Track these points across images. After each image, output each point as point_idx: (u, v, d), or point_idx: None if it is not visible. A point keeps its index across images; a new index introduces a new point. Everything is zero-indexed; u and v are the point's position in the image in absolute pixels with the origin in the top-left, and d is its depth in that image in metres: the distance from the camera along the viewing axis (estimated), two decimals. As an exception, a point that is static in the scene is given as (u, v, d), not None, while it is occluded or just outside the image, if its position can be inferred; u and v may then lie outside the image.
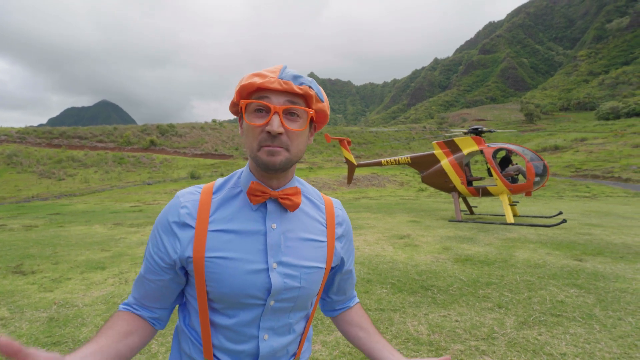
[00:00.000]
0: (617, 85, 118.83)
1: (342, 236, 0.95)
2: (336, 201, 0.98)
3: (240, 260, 0.79)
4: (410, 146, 53.82)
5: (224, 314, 0.82)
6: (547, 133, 56.34)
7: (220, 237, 0.79)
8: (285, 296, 0.82)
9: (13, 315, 3.55)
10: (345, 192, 22.03)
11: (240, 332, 0.82)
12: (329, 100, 40.00)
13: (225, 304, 0.81)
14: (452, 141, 10.51)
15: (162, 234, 0.82)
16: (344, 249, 0.96)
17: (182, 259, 0.80)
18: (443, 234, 7.73)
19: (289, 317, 0.86)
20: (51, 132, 36.00)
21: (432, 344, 2.89)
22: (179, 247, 0.80)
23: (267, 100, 0.75)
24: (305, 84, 0.77)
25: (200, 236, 0.79)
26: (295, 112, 0.77)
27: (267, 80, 0.74)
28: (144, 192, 21.25)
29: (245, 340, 0.83)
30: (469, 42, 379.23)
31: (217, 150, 38.99)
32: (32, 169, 26.56)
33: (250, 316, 0.82)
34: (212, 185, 0.86)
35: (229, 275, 0.78)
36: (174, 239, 0.80)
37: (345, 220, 0.97)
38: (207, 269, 0.78)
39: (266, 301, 0.81)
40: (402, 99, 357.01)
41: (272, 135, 0.74)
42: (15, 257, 6.05)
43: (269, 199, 0.82)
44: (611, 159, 29.73)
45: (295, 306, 0.86)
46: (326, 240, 0.90)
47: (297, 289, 0.83)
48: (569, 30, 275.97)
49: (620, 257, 5.47)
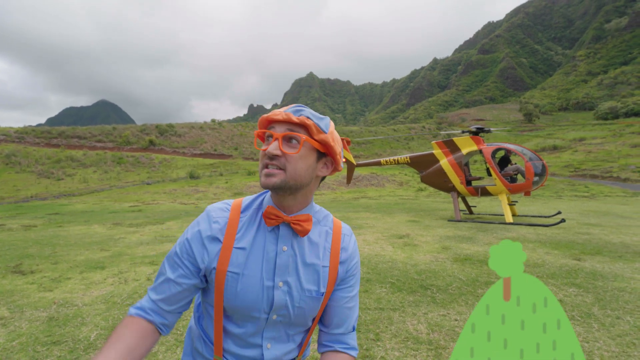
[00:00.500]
0: (615, 85, 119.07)
1: (345, 261, 0.99)
2: (345, 226, 1.04)
3: (255, 277, 0.89)
4: (409, 146, 53.87)
5: (235, 323, 0.92)
6: (545, 133, 56.43)
7: (242, 254, 0.90)
8: (284, 312, 0.92)
9: (13, 315, 3.55)
10: (344, 191, 22.04)
11: (247, 340, 0.93)
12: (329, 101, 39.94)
13: (237, 315, 0.91)
14: (451, 141, 10.52)
15: (193, 243, 0.91)
16: (344, 272, 0.99)
17: (207, 270, 0.90)
18: (442, 234, 7.75)
19: (288, 329, 0.95)
20: (50, 132, 35.93)
21: (431, 342, 2.89)
22: (207, 258, 0.90)
23: (273, 130, 0.88)
24: (304, 115, 0.88)
25: (226, 251, 0.89)
26: (293, 137, 0.87)
27: (274, 113, 0.88)
28: (143, 192, 21.23)
29: (252, 348, 0.93)
30: (468, 42, 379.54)
31: (216, 150, 38.97)
32: (30, 169, 26.52)
33: (255, 327, 0.92)
34: (240, 204, 0.96)
35: (242, 290, 0.88)
36: (203, 250, 0.90)
37: (351, 245, 1.01)
38: (226, 282, 0.88)
39: (269, 315, 0.91)
40: (401, 99, 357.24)
41: (270, 157, 0.86)
42: (14, 256, 6.05)
43: (282, 222, 0.91)
44: (610, 158, 29.81)
45: (295, 322, 0.95)
46: (329, 265, 0.96)
47: (297, 308, 0.92)
48: (568, 30, 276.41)
49: (618, 257, 5.49)
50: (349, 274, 1.01)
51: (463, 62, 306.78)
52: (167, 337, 3.03)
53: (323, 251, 0.97)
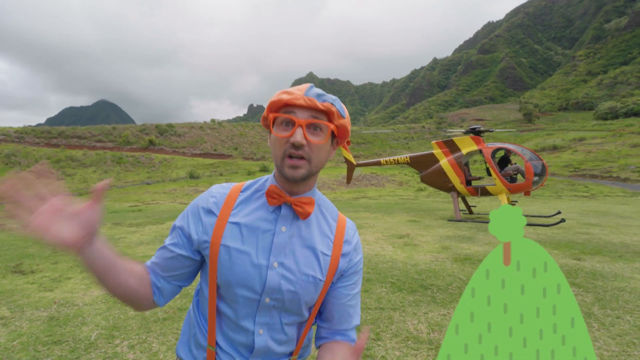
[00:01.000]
0: (615, 85, 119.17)
1: (347, 254, 0.96)
2: (350, 222, 1.01)
3: (247, 253, 0.87)
4: (409, 146, 53.87)
5: (227, 304, 0.90)
6: (545, 133, 56.46)
7: (235, 229, 0.88)
8: (278, 296, 0.87)
9: (13, 315, 3.55)
10: (344, 191, 22.05)
11: (239, 324, 0.89)
12: (328, 100, 40.20)
13: (228, 292, 0.88)
14: (451, 141, 10.53)
15: (190, 215, 0.92)
16: (346, 265, 0.95)
17: (200, 242, 0.89)
18: (442, 234, 7.75)
19: (282, 317, 0.91)
20: (50, 131, 35.92)
21: (431, 342, 2.90)
22: (201, 229, 0.89)
23: (293, 115, 0.83)
24: (328, 101, 0.85)
25: (220, 225, 0.88)
26: (318, 126, 0.84)
27: (294, 97, 0.82)
28: (143, 191, 21.23)
29: (243, 332, 0.90)
30: (468, 42, 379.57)
31: (216, 150, 38.97)
32: (30, 169, 26.53)
33: (246, 310, 0.89)
34: (242, 185, 0.96)
35: (234, 265, 0.86)
36: (198, 222, 0.90)
37: (354, 239, 0.99)
38: (220, 256, 0.87)
39: (261, 297, 0.87)
40: (401, 98, 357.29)
41: (295, 145, 0.82)
42: (14, 256, 6.05)
43: (284, 203, 0.90)
44: (609, 158, 29.83)
45: (289, 308, 0.90)
46: (331, 254, 0.93)
47: (292, 292, 0.88)
48: (568, 30, 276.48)
49: (618, 256, 5.49)
50: (352, 270, 0.97)
51: (463, 62, 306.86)
52: (168, 337, 3.04)
53: (325, 239, 0.94)
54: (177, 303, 3.83)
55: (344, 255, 0.95)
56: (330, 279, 0.93)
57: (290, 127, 0.83)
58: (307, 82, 0.93)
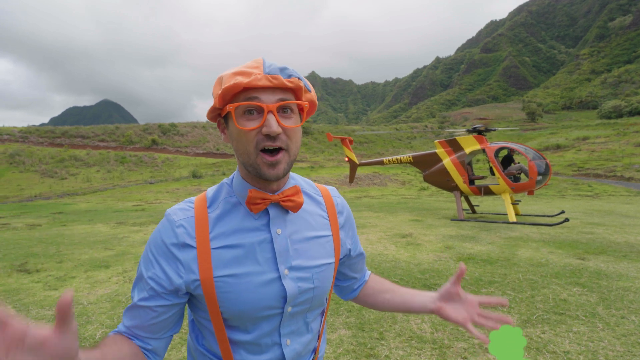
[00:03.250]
0: (619, 83, 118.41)
1: (344, 225, 0.92)
2: (332, 189, 0.94)
3: (251, 274, 0.75)
4: (412, 145, 53.75)
5: (243, 330, 0.78)
6: (549, 132, 56.21)
7: (225, 254, 0.75)
8: (301, 299, 0.80)
9: (19, 313, 3.58)
10: (347, 191, 22.04)
11: (262, 343, 0.79)
12: (331, 100, 39.83)
13: (243, 320, 0.77)
14: (454, 140, 10.50)
15: (160, 258, 0.74)
16: (348, 236, 0.94)
17: (187, 283, 0.74)
18: (445, 233, 7.74)
19: (306, 317, 0.85)
20: (53, 131, 36.11)
21: (435, 342, 2.90)
22: (183, 270, 0.73)
23: (257, 100, 0.69)
24: (293, 75, 0.73)
25: (203, 256, 0.73)
26: (288, 107, 0.72)
27: (254, 77, 0.68)
28: (146, 191, 21.30)
29: (269, 349, 0.80)
30: (471, 41, 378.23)
31: (218, 149, 39.04)
32: (34, 168, 26.65)
33: (270, 327, 0.79)
34: (203, 198, 0.80)
35: (242, 292, 0.74)
36: (175, 263, 0.73)
37: (345, 207, 0.94)
38: (217, 290, 0.73)
39: (283, 309, 0.78)
40: (403, 98, 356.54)
41: (270, 136, 0.70)
42: (19, 255, 6.09)
43: (270, 204, 0.78)
44: (613, 157, 29.65)
45: (312, 306, 0.84)
46: (331, 233, 0.87)
47: (312, 289, 0.81)
48: (572, 29, 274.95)
49: (623, 256, 5.46)
50: (350, 234, 0.95)
51: (466, 61, 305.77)
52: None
53: (320, 220, 0.86)
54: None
55: (342, 227, 0.91)
56: (338, 256, 0.88)
57: (256, 114, 0.70)
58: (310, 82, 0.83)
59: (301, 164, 33.17)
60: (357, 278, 1.03)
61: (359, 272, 1.03)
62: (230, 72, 0.71)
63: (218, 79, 0.74)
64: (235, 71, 0.70)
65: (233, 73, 0.70)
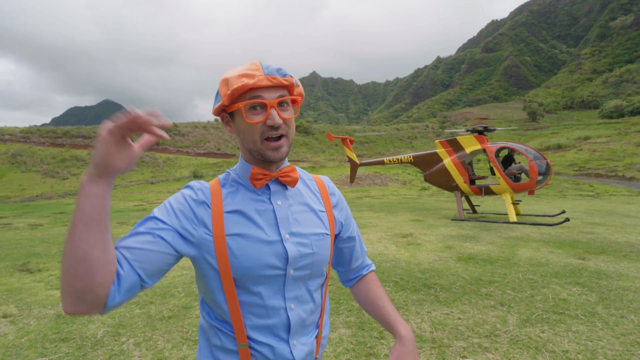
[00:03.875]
0: (621, 83, 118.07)
1: (337, 205, 1.03)
2: (324, 177, 1.07)
3: (257, 235, 0.86)
4: (412, 145, 53.72)
5: (250, 290, 0.85)
6: (550, 132, 56.11)
7: (235, 217, 0.86)
8: (301, 263, 0.89)
9: (21, 312, 3.60)
10: (347, 191, 22.05)
11: (269, 305, 0.86)
12: (331, 100, 40.08)
13: (249, 279, 0.84)
14: (454, 140, 10.50)
15: (178, 209, 0.83)
16: (341, 215, 1.04)
17: (198, 237, 0.82)
18: (446, 233, 7.75)
19: (308, 284, 0.93)
20: (55, 131, 36.21)
21: (435, 341, 2.91)
22: (197, 222, 0.83)
23: (261, 98, 0.83)
24: (287, 75, 0.87)
25: (217, 216, 0.85)
26: (285, 101, 0.87)
27: (257, 79, 0.82)
28: (147, 191, 21.34)
29: (275, 312, 0.87)
30: (472, 41, 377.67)
31: (219, 149, 39.09)
32: (36, 169, 26.74)
33: (274, 288, 0.87)
34: (217, 180, 0.93)
35: (249, 249, 0.84)
36: (190, 214, 0.83)
37: (336, 190, 1.07)
38: (229, 248, 0.83)
39: (286, 270, 0.87)
40: (404, 97, 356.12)
41: (274, 127, 0.84)
42: (21, 255, 6.12)
43: (270, 180, 0.90)
44: (615, 157, 29.59)
45: (312, 273, 0.92)
46: (325, 210, 0.99)
47: (311, 255, 0.90)
48: (573, 28, 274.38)
49: (623, 256, 5.47)
50: (347, 220, 1.06)
51: (467, 60, 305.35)
52: (173, 334, 3.07)
53: (315, 198, 0.99)
54: (182, 301, 3.87)
55: (335, 206, 1.02)
56: (333, 232, 0.99)
57: (259, 110, 0.84)
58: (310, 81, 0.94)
59: (302, 163, 33.19)
60: (353, 269, 1.11)
61: (355, 262, 1.10)
62: (234, 74, 0.84)
63: (224, 79, 0.85)
64: (240, 74, 0.83)
65: (238, 75, 0.82)
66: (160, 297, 4.01)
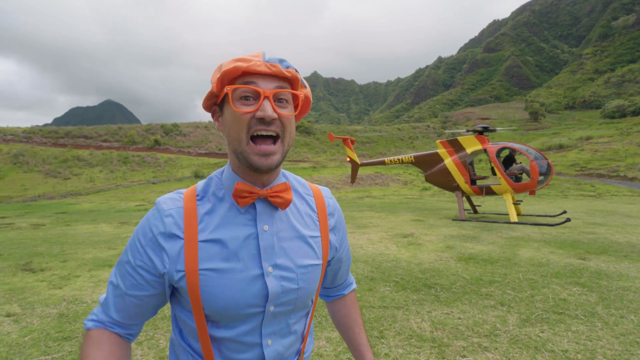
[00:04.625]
0: (623, 83, 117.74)
1: (335, 227, 0.90)
2: (325, 189, 0.92)
3: (234, 270, 0.73)
4: (413, 145, 53.69)
5: (224, 326, 0.76)
6: (552, 132, 56.01)
7: (211, 247, 0.73)
8: (283, 299, 0.78)
9: (24, 312, 3.63)
10: (348, 191, 22.06)
11: (243, 341, 0.77)
12: (333, 100, 40.11)
13: (223, 317, 0.75)
14: (455, 140, 10.51)
15: (147, 247, 0.74)
16: (337, 239, 0.91)
17: (171, 275, 0.73)
18: (446, 233, 7.76)
19: (289, 318, 0.82)
20: (57, 131, 36.31)
21: (434, 340, 2.93)
22: (167, 260, 0.72)
23: (255, 85, 0.69)
24: (291, 67, 0.74)
25: (190, 247, 0.72)
26: (284, 97, 0.73)
27: (253, 63, 0.69)
28: (148, 191, 21.40)
29: (249, 349, 0.78)
30: (473, 41, 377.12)
31: (220, 149, 39.13)
32: (38, 169, 26.82)
33: (250, 325, 0.77)
34: (194, 190, 0.79)
35: (224, 287, 0.73)
36: (160, 252, 0.73)
37: (337, 209, 0.92)
38: (201, 283, 0.72)
39: (265, 308, 0.76)
40: (405, 97, 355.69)
41: (265, 121, 0.69)
42: (24, 255, 6.15)
43: (257, 198, 0.76)
44: (617, 157, 29.53)
45: (295, 308, 0.81)
46: (320, 234, 0.85)
47: (295, 290, 0.79)
48: (575, 28, 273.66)
49: (624, 256, 5.47)
50: (342, 243, 0.94)
51: (468, 60, 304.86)
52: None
53: (309, 219, 0.84)
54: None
55: (332, 230, 0.89)
56: (326, 258, 0.86)
57: (252, 100, 0.70)
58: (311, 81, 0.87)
59: (303, 164, 33.22)
60: (333, 286, 1.03)
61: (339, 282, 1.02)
62: (230, 59, 0.72)
63: (218, 66, 0.74)
64: (235, 58, 0.71)
65: (233, 60, 0.71)
66: (162, 297, 4.03)
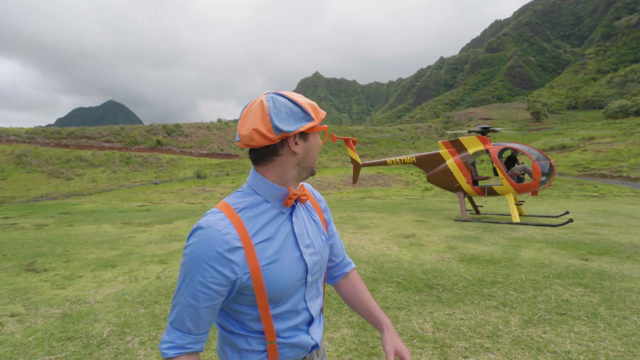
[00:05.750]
0: (625, 83, 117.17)
1: (325, 209, 1.19)
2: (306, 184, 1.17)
3: (286, 256, 0.96)
4: (415, 145, 53.60)
5: (283, 302, 0.97)
6: (554, 132, 55.82)
7: (265, 245, 0.93)
8: (315, 269, 1.03)
9: (28, 312, 3.65)
10: (350, 191, 22.05)
11: (296, 309, 1.00)
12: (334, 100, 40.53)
13: (283, 296, 0.96)
14: (457, 140, 10.49)
15: (215, 264, 0.87)
16: (327, 218, 1.19)
17: (240, 277, 0.90)
18: (448, 234, 7.75)
19: (318, 283, 1.09)
20: (59, 132, 36.44)
21: (437, 341, 2.93)
22: (238, 269, 0.89)
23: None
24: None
25: (250, 252, 0.90)
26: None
27: (323, 114, 1.01)
28: (151, 191, 21.44)
29: (300, 314, 1.02)
30: (475, 41, 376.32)
31: (222, 150, 39.20)
32: (41, 169, 26.92)
33: (299, 296, 1.01)
34: (228, 208, 0.94)
35: (282, 273, 0.94)
36: (229, 265, 0.88)
37: (321, 197, 1.23)
38: (265, 277, 0.92)
39: (307, 279, 1.01)
40: (407, 98, 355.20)
41: None
42: (27, 255, 6.19)
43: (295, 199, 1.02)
44: (619, 158, 29.40)
45: (321, 275, 1.09)
46: (319, 216, 1.14)
47: (320, 261, 1.05)
48: (577, 28, 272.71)
49: (627, 257, 5.45)
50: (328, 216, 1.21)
51: (470, 60, 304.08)
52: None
53: (312, 207, 1.13)
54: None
55: (324, 211, 1.18)
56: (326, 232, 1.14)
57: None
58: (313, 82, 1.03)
59: (305, 164, 33.13)
60: (335, 264, 1.24)
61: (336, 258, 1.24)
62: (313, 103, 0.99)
63: (312, 105, 0.98)
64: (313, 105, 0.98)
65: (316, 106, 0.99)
66: (164, 297, 4.05)
